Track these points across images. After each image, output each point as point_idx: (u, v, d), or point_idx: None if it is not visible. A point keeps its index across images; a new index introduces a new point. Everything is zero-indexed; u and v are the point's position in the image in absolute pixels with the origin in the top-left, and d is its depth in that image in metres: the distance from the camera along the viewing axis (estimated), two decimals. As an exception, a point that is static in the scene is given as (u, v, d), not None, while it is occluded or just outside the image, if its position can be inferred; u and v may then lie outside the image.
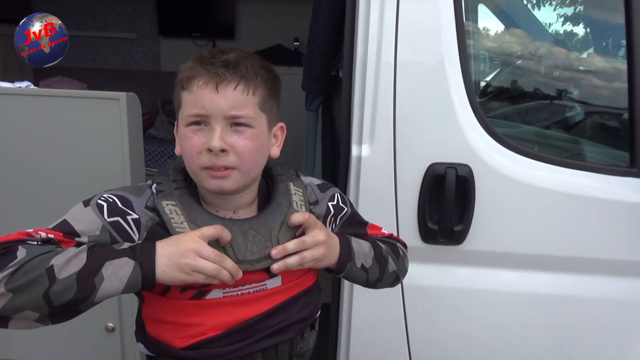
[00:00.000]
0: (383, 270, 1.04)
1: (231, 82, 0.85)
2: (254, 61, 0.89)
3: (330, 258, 0.94)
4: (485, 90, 1.62)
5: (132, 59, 4.80)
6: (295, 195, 0.96)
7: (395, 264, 1.06)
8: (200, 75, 0.85)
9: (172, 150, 3.96)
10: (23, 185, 1.65)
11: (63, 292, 0.74)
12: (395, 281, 1.10)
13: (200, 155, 0.85)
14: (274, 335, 0.93)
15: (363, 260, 1.01)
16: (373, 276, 1.03)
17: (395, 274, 1.07)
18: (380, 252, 1.05)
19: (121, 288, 0.77)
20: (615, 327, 1.45)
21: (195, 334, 0.88)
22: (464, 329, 1.48)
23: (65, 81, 3.19)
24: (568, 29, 1.73)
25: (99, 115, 1.58)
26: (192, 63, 0.87)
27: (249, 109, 0.86)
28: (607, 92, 1.63)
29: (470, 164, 1.35)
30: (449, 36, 1.33)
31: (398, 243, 1.13)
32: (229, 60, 0.85)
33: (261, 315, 0.91)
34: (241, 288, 0.90)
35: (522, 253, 1.42)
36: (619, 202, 1.38)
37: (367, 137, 1.37)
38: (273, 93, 0.92)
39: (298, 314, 0.96)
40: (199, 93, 0.85)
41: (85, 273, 0.75)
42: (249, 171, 0.89)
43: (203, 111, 0.84)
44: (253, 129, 0.87)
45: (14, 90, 1.62)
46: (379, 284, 1.05)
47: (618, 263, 1.41)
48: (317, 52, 1.80)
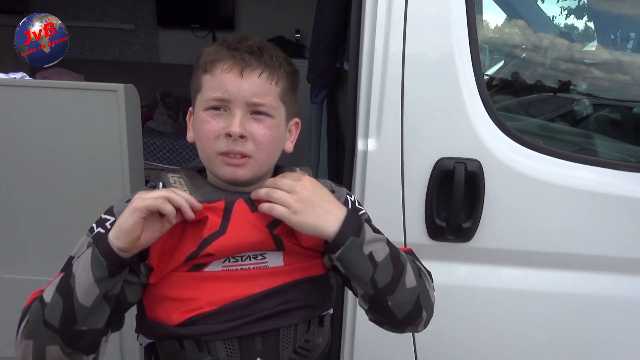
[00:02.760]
0: (398, 276, 0.85)
1: (256, 69, 0.85)
2: (278, 52, 0.90)
3: (318, 218, 0.83)
4: (496, 83, 1.58)
5: (130, 50, 4.75)
6: None
7: (416, 281, 0.87)
8: (225, 59, 0.85)
9: (171, 144, 3.91)
10: (19, 179, 1.62)
11: (53, 309, 0.78)
12: (415, 308, 0.86)
13: (218, 140, 0.85)
14: (274, 318, 0.88)
15: (373, 249, 0.84)
16: (382, 277, 0.84)
17: (415, 293, 0.86)
18: (397, 254, 0.88)
19: (90, 276, 0.77)
20: (628, 326, 1.43)
21: (192, 308, 0.86)
22: (472, 328, 1.45)
23: (62, 72, 3.14)
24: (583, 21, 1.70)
25: (97, 108, 1.55)
26: (217, 47, 0.87)
27: (271, 98, 0.86)
28: (621, 85, 1.59)
29: (480, 159, 1.31)
30: (460, 27, 1.29)
31: (423, 266, 0.96)
32: (252, 47, 0.86)
33: (260, 294, 0.87)
34: (241, 263, 0.88)
35: (532, 250, 1.38)
36: (633, 198, 1.35)
37: (374, 131, 1.33)
38: (293, 87, 0.93)
39: (302, 300, 0.90)
40: (223, 77, 0.84)
41: (64, 282, 0.78)
42: (264, 161, 0.88)
43: (225, 95, 0.84)
44: (273, 119, 0.87)
45: (9, 82, 1.58)
46: (389, 296, 0.84)
47: (631, 261, 1.38)
48: (322, 44, 1.76)
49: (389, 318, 0.88)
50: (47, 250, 1.67)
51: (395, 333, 0.93)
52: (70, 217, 1.63)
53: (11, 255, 1.69)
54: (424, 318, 0.89)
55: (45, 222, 1.65)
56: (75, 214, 1.62)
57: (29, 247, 1.68)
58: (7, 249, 1.69)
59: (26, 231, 1.67)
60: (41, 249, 1.68)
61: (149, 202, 0.76)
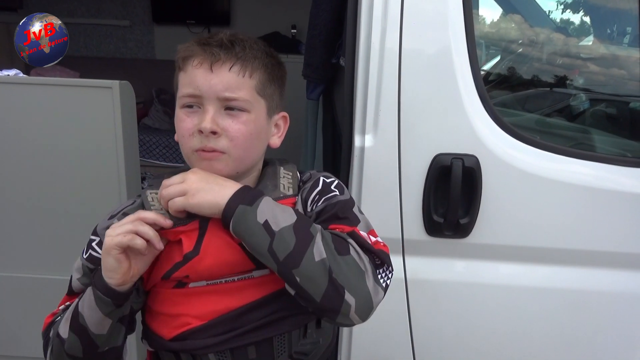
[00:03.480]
0: (302, 247, 0.76)
1: (226, 63, 0.82)
2: (254, 44, 0.87)
3: (215, 194, 0.80)
4: (493, 78, 1.57)
5: (125, 46, 4.72)
6: (284, 179, 0.91)
7: (326, 254, 0.77)
8: (195, 54, 0.83)
9: (167, 141, 3.89)
10: (14, 177, 1.61)
11: (72, 344, 0.82)
12: (332, 287, 0.76)
13: (192, 137, 0.83)
14: (265, 328, 0.87)
15: (270, 218, 0.78)
16: (281, 246, 0.76)
17: (324, 267, 0.76)
18: (305, 224, 0.80)
19: (99, 313, 0.80)
20: (625, 321, 1.43)
21: (180, 324, 0.87)
22: (470, 324, 1.44)
23: (57, 69, 3.11)
24: (580, 15, 1.69)
25: (92, 104, 1.54)
26: (189, 43, 0.86)
27: (244, 92, 0.84)
28: (617, 80, 1.59)
29: (477, 155, 1.30)
30: (456, 23, 1.28)
31: (358, 248, 0.82)
32: (222, 41, 0.84)
33: (248, 305, 0.86)
34: (225, 276, 0.86)
35: (530, 246, 1.38)
36: (630, 193, 1.35)
37: (371, 127, 1.32)
38: (274, 79, 0.89)
39: (294, 308, 0.85)
40: (193, 73, 0.83)
41: (74, 322, 0.82)
42: (241, 157, 0.85)
43: (197, 91, 0.83)
44: (248, 114, 0.85)
45: (3, 79, 1.57)
46: (295, 270, 0.76)
47: (628, 256, 1.38)
48: (318, 39, 1.75)
49: (309, 302, 0.78)
50: (43, 247, 1.66)
51: (339, 326, 0.85)
52: (66, 215, 1.62)
53: (7, 253, 1.68)
54: (352, 305, 0.76)
55: (41, 219, 1.64)
56: (71, 211, 1.61)
57: (25, 244, 1.67)
58: (3, 246, 1.68)
59: (22, 229, 1.66)
60: (37, 247, 1.67)
61: (119, 239, 0.76)
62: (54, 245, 1.65)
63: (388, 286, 0.83)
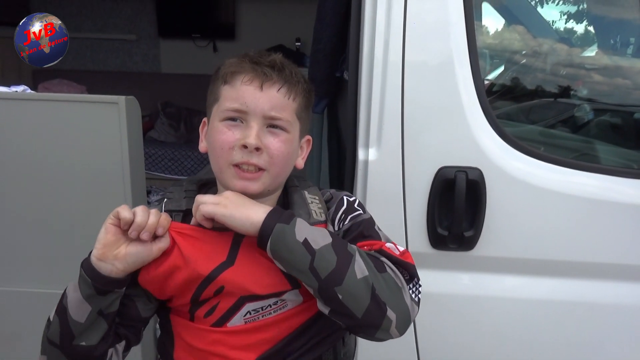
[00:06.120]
0: (344, 265, 0.78)
1: (276, 83, 0.86)
2: (296, 69, 0.91)
3: (247, 210, 0.82)
4: (496, 89, 1.58)
5: (131, 60, 4.76)
6: (313, 204, 0.93)
7: (368, 271, 0.79)
8: (246, 71, 0.86)
9: (172, 153, 3.92)
10: (22, 192, 1.62)
11: (53, 327, 0.84)
12: (374, 304, 0.78)
13: (232, 151, 0.85)
14: (312, 351, 0.91)
15: (308, 236, 0.79)
16: (323, 264, 0.78)
17: (367, 284, 0.78)
18: (342, 244, 0.82)
19: (78, 293, 0.81)
20: (630, 334, 1.41)
21: None
22: (475, 337, 1.43)
23: (64, 84, 3.15)
24: (584, 25, 1.69)
25: (98, 120, 1.55)
26: (239, 59, 0.89)
27: (288, 113, 0.88)
28: (621, 90, 1.58)
29: (481, 168, 1.30)
30: (458, 34, 1.29)
31: (391, 264, 0.84)
32: (275, 62, 0.87)
33: (289, 336, 0.89)
34: (262, 312, 0.87)
35: (535, 259, 1.37)
36: (635, 205, 1.34)
37: (374, 141, 1.33)
38: (308, 104, 0.94)
39: (327, 329, 0.91)
40: (242, 89, 0.85)
41: (59, 302, 0.85)
42: (276, 175, 0.89)
43: (244, 107, 0.85)
44: (288, 134, 0.88)
45: (11, 95, 1.58)
46: (337, 287, 0.77)
47: (634, 268, 1.37)
48: (322, 53, 1.76)
49: (348, 318, 0.79)
50: (49, 263, 1.67)
51: (373, 341, 0.84)
52: (72, 230, 1.62)
53: (15, 268, 1.69)
54: (393, 320, 0.79)
55: (48, 235, 1.65)
56: (78, 226, 1.62)
57: (31, 260, 1.68)
58: (11, 261, 1.68)
59: (28, 244, 1.66)
60: (43, 262, 1.67)
61: (120, 209, 0.82)
62: (60, 260, 1.66)
63: (420, 300, 0.85)
